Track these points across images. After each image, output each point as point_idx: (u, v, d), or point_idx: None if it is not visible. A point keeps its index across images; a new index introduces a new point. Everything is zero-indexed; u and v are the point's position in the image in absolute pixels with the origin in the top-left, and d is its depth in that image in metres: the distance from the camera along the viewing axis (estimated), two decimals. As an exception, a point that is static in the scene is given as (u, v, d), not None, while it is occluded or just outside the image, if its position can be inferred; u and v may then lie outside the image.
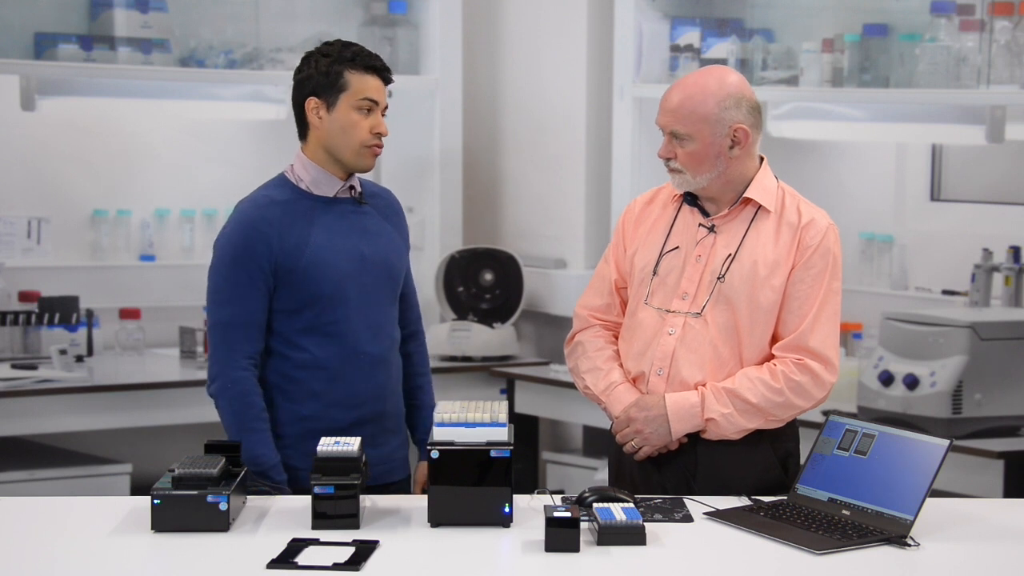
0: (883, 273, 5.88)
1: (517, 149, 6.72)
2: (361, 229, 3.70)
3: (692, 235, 3.59)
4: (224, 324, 3.61)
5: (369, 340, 3.67)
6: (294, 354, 3.63)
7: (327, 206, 3.67)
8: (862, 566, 3.05)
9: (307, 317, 3.62)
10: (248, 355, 3.60)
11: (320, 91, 3.62)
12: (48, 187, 6.24)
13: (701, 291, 3.55)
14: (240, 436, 3.54)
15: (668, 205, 3.66)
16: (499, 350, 6.27)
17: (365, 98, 3.62)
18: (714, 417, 3.50)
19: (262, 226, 3.60)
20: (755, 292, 3.52)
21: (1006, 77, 5.20)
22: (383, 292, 3.72)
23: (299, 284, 3.60)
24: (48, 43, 5.82)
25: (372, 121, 3.63)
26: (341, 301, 3.63)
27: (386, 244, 3.74)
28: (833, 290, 3.53)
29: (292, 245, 3.60)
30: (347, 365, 3.65)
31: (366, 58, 3.64)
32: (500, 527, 3.22)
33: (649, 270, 3.60)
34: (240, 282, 3.59)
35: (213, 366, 3.62)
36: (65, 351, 5.68)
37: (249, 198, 3.69)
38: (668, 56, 5.99)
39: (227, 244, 3.62)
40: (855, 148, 6.12)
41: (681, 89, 3.53)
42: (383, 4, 6.42)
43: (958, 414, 4.74)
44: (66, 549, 3.12)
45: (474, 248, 6.44)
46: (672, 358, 3.54)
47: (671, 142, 3.53)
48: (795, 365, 3.50)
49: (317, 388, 3.63)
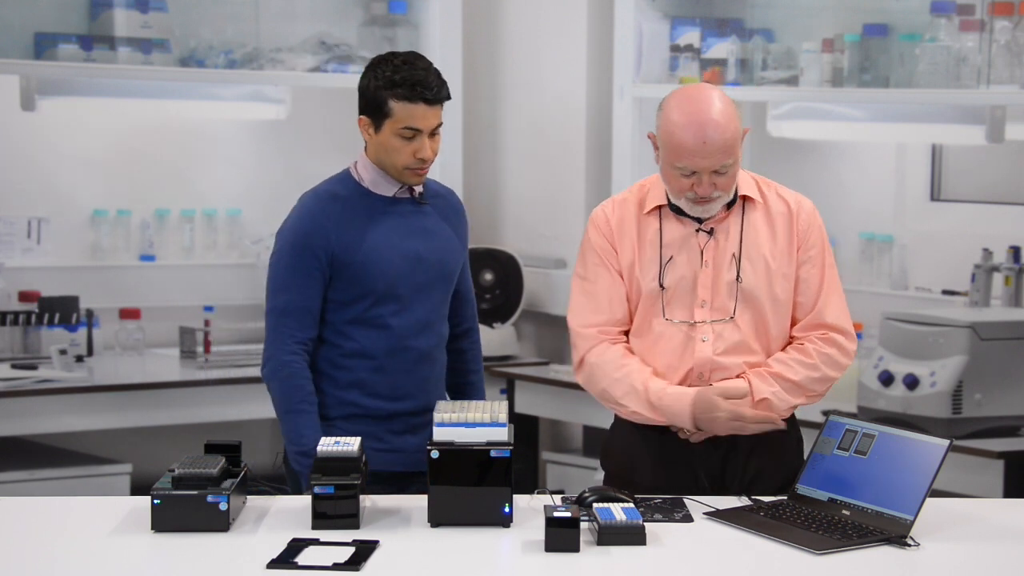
0: (883, 273, 5.88)
1: (517, 149, 6.72)
2: (420, 229, 3.76)
3: (690, 241, 3.57)
4: (280, 310, 3.70)
5: (417, 335, 3.74)
6: (343, 343, 3.71)
7: (387, 205, 3.74)
8: (862, 566, 3.05)
9: (358, 309, 3.70)
10: (300, 341, 3.68)
11: (368, 111, 3.69)
12: (48, 187, 6.24)
13: (719, 295, 3.55)
14: (287, 416, 3.65)
15: (641, 218, 3.59)
16: (499, 350, 6.27)
17: (407, 127, 3.65)
18: (767, 397, 3.51)
19: (322, 219, 3.69)
20: (772, 285, 3.55)
21: (1006, 77, 5.20)
22: (436, 290, 3.79)
23: (353, 278, 3.69)
24: (48, 43, 5.82)
25: (415, 146, 3.67)
26: (393, 298, 3.71)
27: (443, 244, 3.80)
28: (830, 264, 3.62)
29: (349, 240, 3.68)
30: (393, 357, 3.72)
31: (413, 87, 3.63)
32: (500, 527, 3.22)
33: (655, 284, 3.58)
34: (298, 270, 3.68)
35: (267, 349, 3.72)
36: (65, 351, 5.68)
37: (313, 191, 3.78)
38: (668, 56, 5.99)
39: (288, 234, 3.72)
40: (855, 148, 6.12)
41: (713, 125, 3.43)
42: (383, 4, 6.42)
43: (958, 414, 4.74)
44: (66, 549, 3.12)
45: (474, 248, 6.42)
46: (713, 362, 3.54)
47: (712, 176, 3.47)
48: (821, 340, 3.56)
49: (362, 376, 3.72)
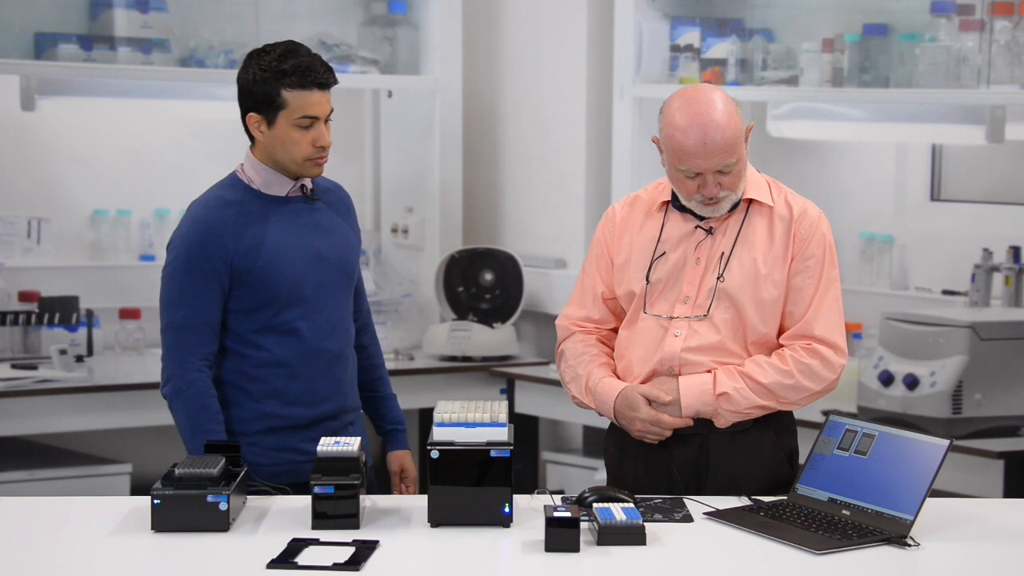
0: (883, 273, 5.88)
1: (517, 149, 6.72)
2: (315, 226, 3.69)
3: (688, 239, 3.58)
4: (178, 326, 3.59)
5: (327, 337, 3.68)
6: (253, 353, 3.63)
7: (280, 206, 3.65)
8: (862, 566, 3.05)
9: (265, 316, 3.62)
10: (202, 356, 3.59)
11: (259, 107, 3.60)
12: (48, 187, 6.24)
13: (703, 294, 3.56)
14: (195, 437, 3.55)
15: (652, 213, 3.63)
16: (499, 350, 6.27)
17: (304, 116, 3.58)
18: (727, 391, 3.50)
19: (217, 227, 3.58)
20: (757, 289, 3.53)
21: (1006, 77, 5.20)
22: (339, 288, 3.73)
23: (256, 284, 3.60)
24: (48, 43, 5.82)
25: (313, 135, 3.60)
26: (298, 300, 3.63)
27: (341, 240, 3.74)
28: (832, 277, 3.56)
29: (248, 246, 3.59)
30: (306, 362, 3.65)
31: (304, 73, 3.57)
32: (500, 527, 3.22)
33: (643, 279, 3.60)
34: (195, 284, 3.57)
35: (167, 367, 3.62)
36: (65, 351, 5.68)
37: (202, 199, 3.67)
38: (668, 56, 5.99)
39: (182, 246, 3.60)
40: (855, 148, 6.12)
41: (713, 126, 3.44)
42: (383, 4, 6.42)
43: (958, 414, 4.74)
44: (66, 549, 3.13)
45: (474, 248, 6.44)
46: (680, 358, 3.54)
47: (716, 177, 3.48)
48: (804, 350, 3.53)
49: (278, 386, 3.64)
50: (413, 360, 6.20)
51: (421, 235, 6.54)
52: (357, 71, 6.30)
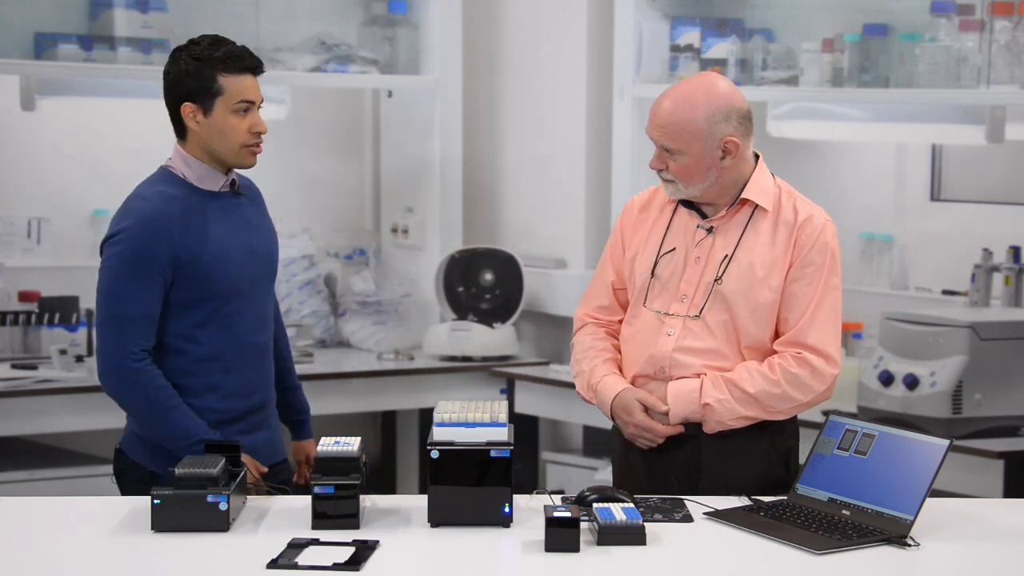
0: (883, 273, 5.88)
1: (517, 149, 6.72)
2: (246, 222, 3.71)
3: (690, 237, 3.59)
4: (121, 318, 3.56)
5: (258, 331, 3.72)
6: (191, 348, 3.63)
7: (214, 200, 3.67)
8: (862, 566, 3.05)
9: (204, 311, 3.62)
10: (144, 348, 3.58)
11: (194, 96, 3.60)
12: (48, 187, 6.24)
13: (699, 293, 3.56)
14: (161, 418, 3.56)
15: (665, 208, 3.66)
16: (499, 350, 6.27)
17: (241, 100, 3.59)
18: (710, 403, 3.50)
19: (163, 221, 3.58)
20: (753, 293, 3.52)
21: (1006, 77, 5.20)
22: (266, 283, 3.77)
23: (199, 279, 3.60)
24: (48, 43, 5.82)
25: (250, 121, 3.61)
26: (235, 295, 3.65)
27: (267, 235, 3.78)
28: (832, 286, 3.53)
29: (192, 240, 3.59)
30: (240, 356, 3.68)
31: (238, 59, 3.59)
32: (500, 527, 3.22)
33: (648, 273, 3.61)
34: (140, 277, 3.56)
35: (107, 360, 3.59)
36: (65, 351, 5.68)
37: (143, 195, 3.67)
38: (668, 56, 5.99)
39: (128, 239, 3.58)
40: (855, 148, 6.13)
41: (670, 103, 3.49)
42: (383, 4, 6.42)
43: (958, 414, 4.74)
44: (66, 549, 3.13)
45: (474, 248, 6.44)
46: (672, 358, 3.55)
47: (663, 154, 3.52)
48: (794, 359, 3.51)
49: (214, 381, 3.65)
50: (413, 360, 6.20)
51: (421, 235, 6.54)
52: (357, 71, 6.30)
